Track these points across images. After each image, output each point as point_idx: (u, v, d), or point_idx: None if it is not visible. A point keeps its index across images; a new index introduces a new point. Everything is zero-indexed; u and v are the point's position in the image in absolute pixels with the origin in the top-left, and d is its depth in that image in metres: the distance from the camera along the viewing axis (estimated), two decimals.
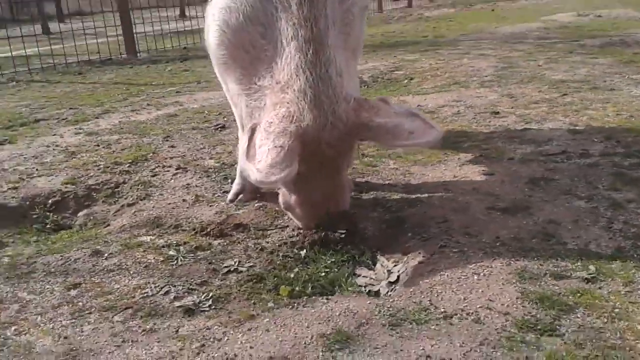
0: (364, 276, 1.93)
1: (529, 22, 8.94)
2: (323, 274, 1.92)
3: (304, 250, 2.05)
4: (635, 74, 4.44)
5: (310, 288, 1.85)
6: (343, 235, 2.07)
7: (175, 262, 1.99)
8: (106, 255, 2.06)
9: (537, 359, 1.31)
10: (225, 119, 3.73)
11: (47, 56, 7.12)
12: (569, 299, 1.54)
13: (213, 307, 1.72)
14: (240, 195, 2.43)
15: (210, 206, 2.41)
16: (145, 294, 1.79)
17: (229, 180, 2.63)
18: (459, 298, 1.58)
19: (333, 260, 1.98)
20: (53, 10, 17.18)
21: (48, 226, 2.48)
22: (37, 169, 2.90)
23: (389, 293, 1.76)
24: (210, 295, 1.77)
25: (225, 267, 1.96)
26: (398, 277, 1.85)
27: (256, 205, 2.38)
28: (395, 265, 1.94)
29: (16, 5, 16.22)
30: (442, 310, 1.53)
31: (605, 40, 6.39)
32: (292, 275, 1.91)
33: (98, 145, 3.26)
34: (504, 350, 1.34)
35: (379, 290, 1.82)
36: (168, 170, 2.80)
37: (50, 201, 2.60)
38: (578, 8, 10.57)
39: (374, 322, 1.50)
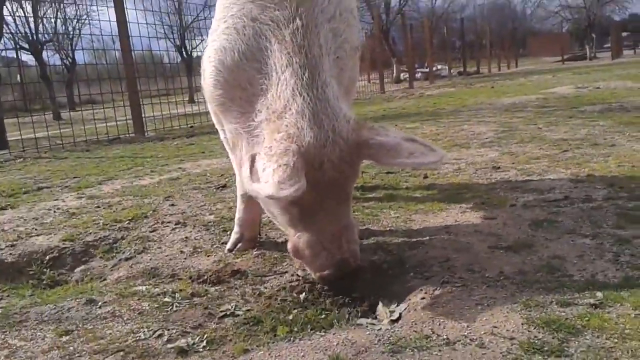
0: (365, 317, 1.86)
1: (529, 94, 9.14)
2: (323, 315, 1.85)
3: (303, 294, 1.99)
4: (635, 132, 4.47)
5: (309, 329, 1.78)
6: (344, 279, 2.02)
7: (170, 307, 1.93)
8: (100, 303, 2.01)
9: None
10: (227, 179, 3.75)
11: (56, 137, 7.29)
12: (576, 322, 1.46)
13: (208, 348, 1.65)
14: (239, 244, 2.41)
15: (208, 256, 2.38)
16: (138, 338, 1.73)
17: (228, 232, 2.60)
18: (462, 326, 1.51)
19: (332, 301, 1.91)
20: (65, 100, 17.79)
21: (44, 282, 2.44)
22: (36, 229, 2.89)
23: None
24: (205, 337, 1.71)
25: (222, 311, 1.90)
26: (400, 314, 1.78)
27: (255, 253, 2.34)
28: (397, 305, 1.88)
29: (29, 95, 16.80)
30: (445, 337, 1.46)
31: (604, 106, 6.50)
32: (290, 318, 1.83)
33: (99, 207, 3.26)
34: None
35: (380, 328, 1.75)
36: (167, 226, 2.78)
37: (47, 257, 2.57)
38: (576, 82, 10.85)
39: (373, 350, 1.43)
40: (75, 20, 20.96)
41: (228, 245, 2.43)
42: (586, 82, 10.36)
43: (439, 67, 23.49)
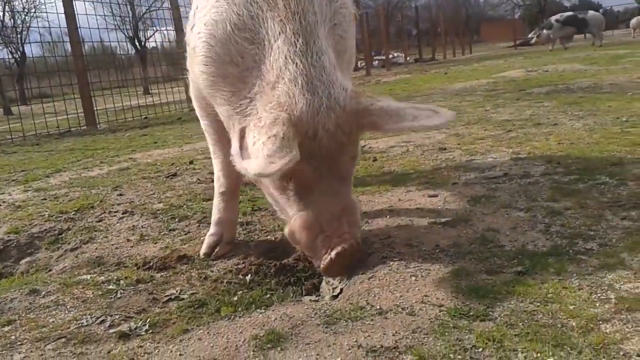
0: (308, 295, 1.90)
1: (480, 79, 9.32)
2: (267, 295, 1.89)
3: (249, 276, 2.02)
4: (577, 111, 4.63)
5: (253, 309, 1.81)
6: (289, 260, 2.06)
7: (115, 294, 1.94)
8: (44, 293, 2.00)
9: (468, 341, 1.29)
10: (177, 168, 3.73)
11: (5, 132, 7.11)
12: (502, 289, 1.54)
13: (150, 331, 1.66)
14: (217, 248, 2.22)
15: (155, 244, 2.38)
16: (80, 324, 1.73)
17: (176, 219, 2.61)
18: (395, 297, 1.57)
19: (278, 281, 1.95)
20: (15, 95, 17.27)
21: None
22: None
23: None
24: (148, 321, 1.72)
25: (166, 296, 1.92)
26: (341, 290, 1.83)
27: (202, 238, 2.35)
28: (340, 282, 1.92)
29: None
30: (378, 307, 1.52)
31: (551, 88, 6.68)
32: (235, 299, 1.86)
33: (45, 199, 3.21)
34: (435, 335, 1.33)
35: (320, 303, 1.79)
36: (114, 215, 2.77)
37: None
38: (527, 66, 11.09)
39: (309, 323, 1.47)
40: (24, 13, 20.34)
41: (203, 249, 2.23)
42: (536, 66, 10.60)
43: (396, 54, 23.69)
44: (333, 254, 1.63)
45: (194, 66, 2.01)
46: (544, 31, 18.67)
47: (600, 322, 1.35)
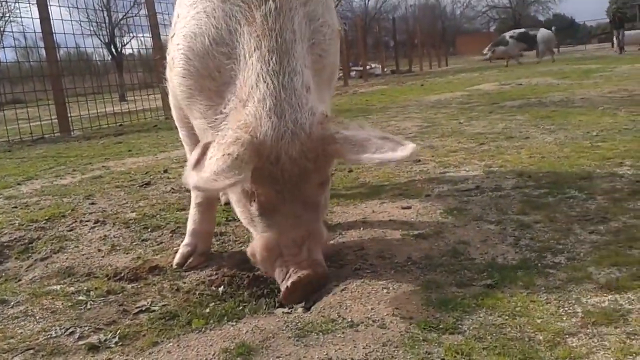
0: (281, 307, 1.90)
1: (455, 91, 9.44)
2: (240, 307, 1.88)
3: (222, 287, 2.00)
4: (549, 125, 4.72)
5: (225, 321, 1.80)
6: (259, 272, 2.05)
7: (85, 305, 1.91)
8: (12, 303, 1.97)
9: (437, 354, 1.31)
10: (151, 177, 3.70)
11: None
12: (471, 302, 1.56)
13: (120, 343, 1.64)
14: (191, 259, 2.19)
15: (127, 254, 2.35)
16: (49, 336, 1.71)
17: (149, 229, 2.59)
18: (366, 309, 1.58)
19: (251, 293, 1.94)
20: None
21: None
22: None
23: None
24: (118, 333, 1.70)
25: (137, 307, 1.90)
26: (313, 302, 1.83)
27: (175, 249, 2.33)
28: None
29: None
30: (350, 320, 1.52)
31: (523, 101, 6.81)
32: (207, 311, 1.84)
33: (15, 207, 3.16)
34: (405, 348, 1.34)
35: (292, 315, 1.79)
36: (86, 225, 2.73)
37: None
38: (501, 79, 11.27)
39: (280, 336, 1.47)
40: None
41: (176, 259, 2.20)
42: (509, 79, 10.79)
43: (373, 65, 23.85)
44: (289, 282, 1.65)
45: (173, 77, 2.00)
46: (500, 47, 19.13)
47: (567, 336, 1.38)
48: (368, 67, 21.27)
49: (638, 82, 8.16)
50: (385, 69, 23.43)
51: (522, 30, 20.18)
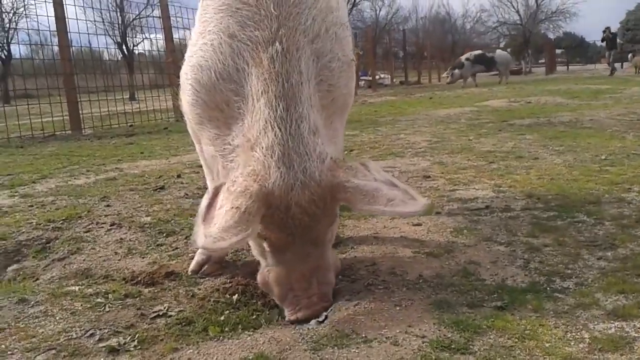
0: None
1: (464, 106, 9.49)
2: (254, 316, 1.93)
3: (236, 295, 2.06)
4: (558, 146, 4.76)
5: (240, 329, 1.85)
6: None
7: (103, 308, 1.97)
8: (32, 303, 2.02)
9: None
10: (165, 181, 3.76)
11: None
12: (482, 323, 1.61)
13: (139, 347, 1.70)
14: (205, 267, 2.25)
15: (143, 258, 2.41)
16: (70, 337, 1.76)
17: (164, 234, 2.64)
18: (379, 325, 1.63)
19: (264, 302, 1.99)
20: None
21: None
22: None
23: None
24: (137, 337, 1.75)
25: (154, 312, 1.95)
26: (326, 316, 1.88)
27: (191, 255, 2.39)
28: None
29: None
30: (363, 336, 1.57)
31: (533, 120, 6.84)
32: (222, 318, 1.89)
33: (32, 206, 3.23)
34: None
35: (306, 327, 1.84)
36: (102, 227, 2.79)
37: None
38: (510, 96, 11.31)
39: (296, 348, 1.52)
40: (12, 12, 20.22)
41: (192, 266, 2.26)
42: (519, 97, 10.83)
43: (382, 75, 23.94)
44: (300, 315, 1.74)
45: (183, 102, 2.04)
46: (456, 70, 19.17)
47: None
48: (377, 77, 21.34)
49: None
50: (394, 80, 23.52)
51: (479, 52, 20.17)
